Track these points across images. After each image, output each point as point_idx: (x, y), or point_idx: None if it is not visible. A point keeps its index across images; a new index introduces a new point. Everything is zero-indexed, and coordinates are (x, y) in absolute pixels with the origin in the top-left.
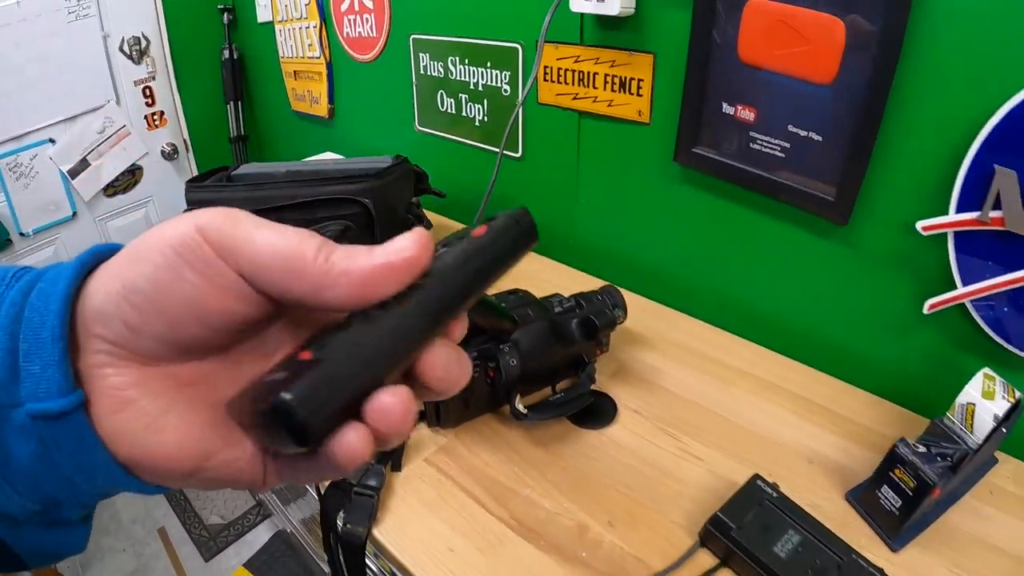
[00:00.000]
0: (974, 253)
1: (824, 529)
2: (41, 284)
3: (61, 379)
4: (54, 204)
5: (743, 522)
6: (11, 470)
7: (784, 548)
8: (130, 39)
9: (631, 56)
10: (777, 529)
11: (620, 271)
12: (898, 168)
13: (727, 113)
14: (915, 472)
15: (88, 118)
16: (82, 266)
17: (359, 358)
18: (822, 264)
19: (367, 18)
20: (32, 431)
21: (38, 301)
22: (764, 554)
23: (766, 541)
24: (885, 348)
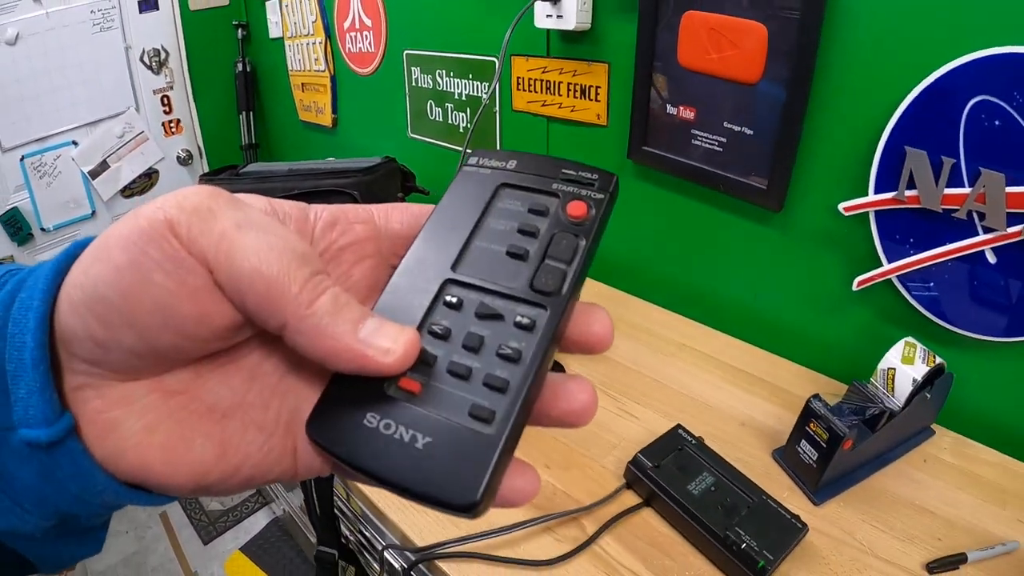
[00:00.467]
0: (895, 231)
1: (738, 474)
2: (22, 294)
3: (45, 407)
4: (74, 202)
5: (661, 463)
6: (18, 491)
7: (698, 487)
8: (150, 51)
9: (589, 66)
10: (693, 471)
11: None
12: (823, 155)
13: (671, 113)
14: (827, 425)
15: (109, 123)
16: (58, 273)
17: (520, 422)
18: (761, 248)
19: (366, 35)
20: (31, 455)
21: (19, 314)
22: (678, 491)
23: (682, 480)
24: (821, 324)
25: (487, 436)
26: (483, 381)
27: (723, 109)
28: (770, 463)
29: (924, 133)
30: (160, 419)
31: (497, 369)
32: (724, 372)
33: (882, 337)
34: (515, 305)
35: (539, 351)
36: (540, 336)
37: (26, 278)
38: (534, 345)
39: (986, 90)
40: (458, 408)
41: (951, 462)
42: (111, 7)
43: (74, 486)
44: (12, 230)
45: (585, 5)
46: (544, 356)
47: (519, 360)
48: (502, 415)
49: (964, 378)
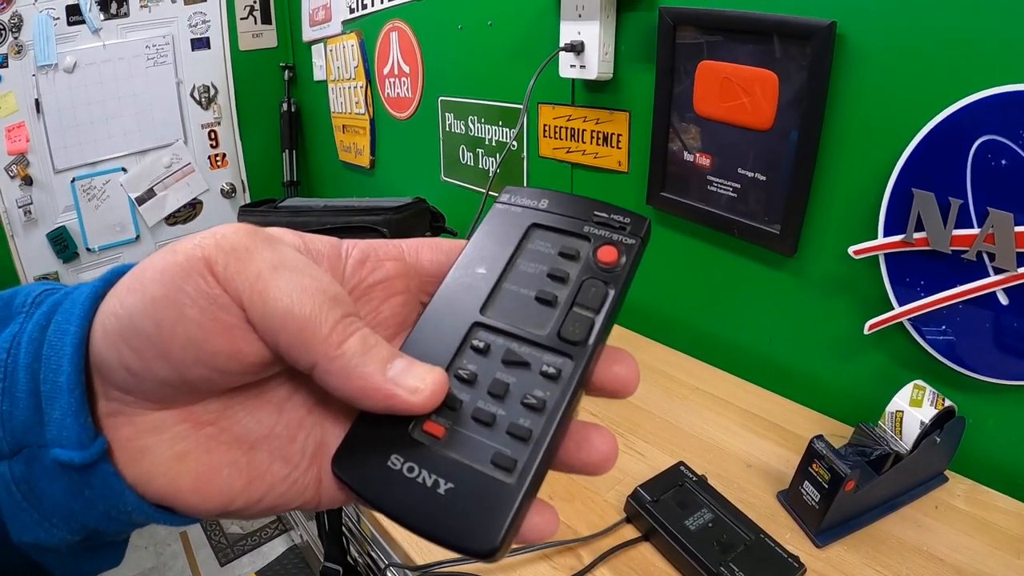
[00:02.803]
0: (905, 274)
1: (737, 512)
2: (58, 317)
3: (80, 430)
4: (120, 226)
5: (660, 497)
6: (46, 506)
7: (696, 523)
8: (200, 87)
9: (611, 114)
10: (692, 507)
11: None
12: (835, 200)
13: (688, 160)
14: (829, 465)
15: (158, 153)
16: (95, 299)
17: (541, 472)
18: (775, 292)
19: (404, 81)
20: (62, 473)
21: (55, 338)
22: (675, 525)
23: (679, 515)
24: (833, 369)
25: (508, 486)
26: (507, 429)
27: (738, 156)
28: (774, 505)
29: (931, 174)
30: (190, 448)
31: (521, 418)
32: (735, 415)
33: (895, 381)
34: (542, 353)
35: (562, 402)
36: (564, 386)
37: (62, 300)
38: (558, 395)
39: (992, 129)
40: (481, 455)
41: (964, 509)
42: (165, 44)
43: (103, 504)
44: (59, 247)
45: (607, 56)
46: (567, 406)
47: (543, 410)
48: (523, 465)
49: (979, 423)
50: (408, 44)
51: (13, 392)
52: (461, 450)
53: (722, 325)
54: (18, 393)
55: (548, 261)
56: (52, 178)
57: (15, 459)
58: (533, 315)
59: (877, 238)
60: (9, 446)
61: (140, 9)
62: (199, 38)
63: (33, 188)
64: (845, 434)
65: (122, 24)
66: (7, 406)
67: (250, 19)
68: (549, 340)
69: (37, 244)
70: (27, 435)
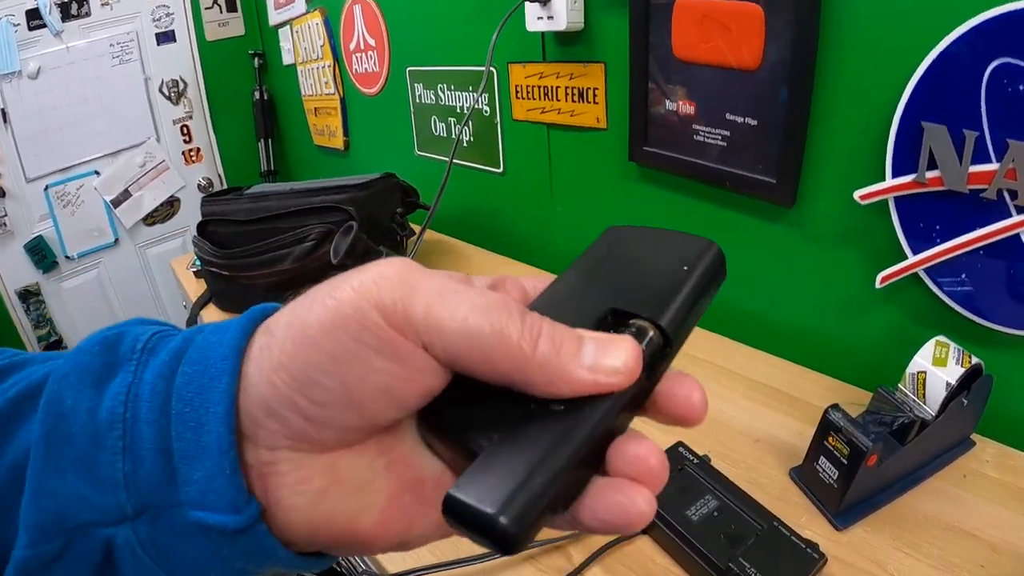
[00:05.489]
0: (919, 219)
1: (746, 496)
2: (186, 368)
3: (234, 493)
4: (98, 230)
5: None
6: (174, 566)
7: (699, 512)
8: (169, 82)
9: (585, 67)
10: (694, 494)
11: None
12: (835, 141)
13: (670, 109)
14: (848, 438)
15: (130, 153)
16: (242, 352)
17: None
18: (774, 248)
19: (371, 55)
20: (198, 533)
21: (188, 392)
22: (676, 517)
23: (680, 504)
24: (843, 328)
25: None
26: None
27: (724, 101)
28: (787, 484)
29: (941, 105)
30: (367, 484)
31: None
32: (738, 384)
33: (912, 339)
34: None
35: (602, 414)
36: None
37: (185, 348)
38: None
39: (1007, 51)
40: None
41: (995, 477)
42: (130, 40)
43: (244, 562)
44: (37, 257)
45: (576, 3)
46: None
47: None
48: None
49: (1005, 380)
50: (372, 16)
51: (136, 451)
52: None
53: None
54: (143, 451)
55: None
56: (24, 188)
57: (139, 520)
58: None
59: (885, 180)
60: (134, 508)
61: (101, 7)
62: (164, 32)
63: (6, 200)
64: (861, 400)
65: (84, 24)
66: (129, 466)
67: (215, 8)
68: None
69: (14, 256)
70: (155, 495)
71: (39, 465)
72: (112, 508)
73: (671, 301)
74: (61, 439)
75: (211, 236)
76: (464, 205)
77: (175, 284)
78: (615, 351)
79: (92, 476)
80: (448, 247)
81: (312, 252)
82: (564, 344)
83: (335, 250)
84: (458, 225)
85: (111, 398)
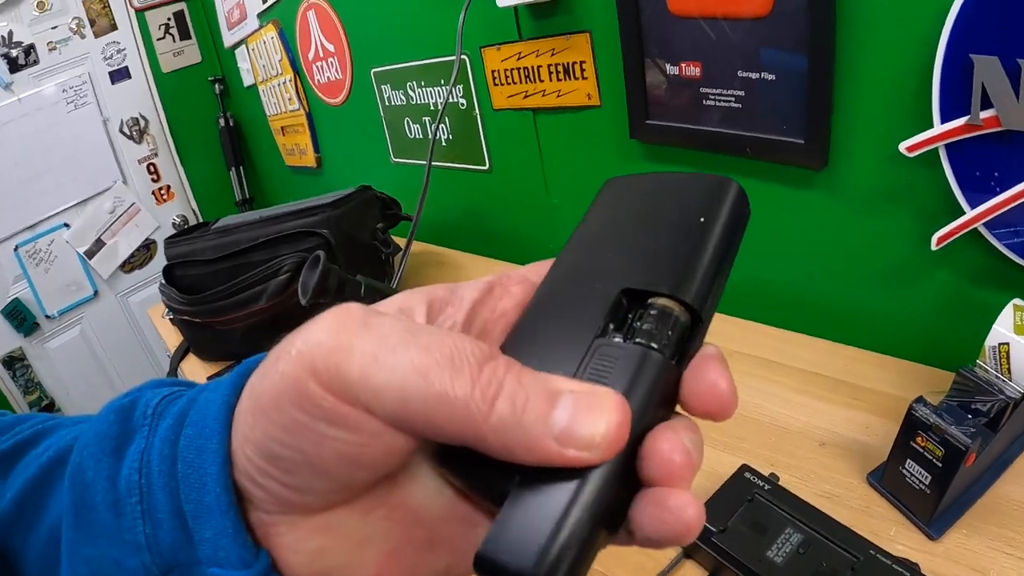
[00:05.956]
0: (974, 167)
1: (833, 523)
2: (188, 430)
3: (241, 550)
4: (75, 285)
5: (728, 524)
6: None
7: (781, 551)
8: (129, 120)
9: (568, 40)
10: (772, 529)
11: None
12: (867, 89)
13: (672, 74)
14: (941, 437)
15: (98, 200)
16: (230, 409)
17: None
18: (807, 217)
19: (331, 62)
20: None
21: (190, 454)
22: (755, 561)
23: (758, 545)
24: (896, 300)
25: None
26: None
27: (734, 56)
28: (867, 492)
29: (991, 33)
30: (367, 538)
31: None
32: (787, 377)
33: (976, 303)
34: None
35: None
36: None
37: (187, 409)
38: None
39: None
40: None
41: None
42: (83, 83)
43: None
44: (16, 322)
45: None
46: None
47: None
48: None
49: None
50: (328, 20)
51: (154, 514)
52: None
53: (749, 268)
54: (159, 515)
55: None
56: None
57: None
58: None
59: (933, 127)
60: (160, 569)
61: (50, 53)
62: (117, 69)
63: None
64: (926, 378)
65: (33, 73)
66: (150, 528)
67: (167, 38)
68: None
69: None
70: (177, 555)
71: (71, 534)
72: (141, 570)
73: (693, 268)
74: (88, 508)
75: (179, 280)
76: (451, 210)
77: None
78: (593, 417)
79: (119, 541)
80: (439, 258)
81: (288, 286)
82: (530, 405)
83: (303, 289)
84: (448, 233)
85: (128, 465)
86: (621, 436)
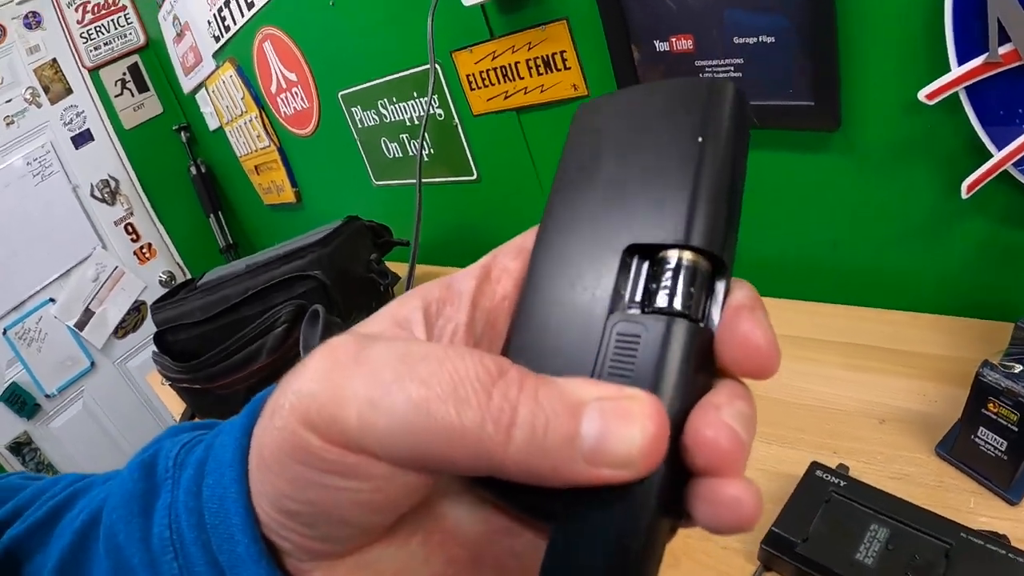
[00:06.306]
0: (998, 106)
1: (916, 510)
2: (208, 479)
3: None
4: (71, 359)
5: (808, 531)
6: None
7: (870, 551)
8: (99, 184)
9: (544, 30)
10: (856, 528)
11: None
12: (875, 39)
13: (663, 51)
14: (1015, 400)
15: (80, 269)
16: (243, 455)
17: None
18: (825, 181)
19: (296, 91)
20: None
21: (213, 504)
22: (846, 566)
23: (845, 548)
24: (931, 256)
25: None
26: None
27: (728, 22)
28: (938, 465)
29: None
30: (406, 566)
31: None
32: (831, 353)
33: (1013, 247)
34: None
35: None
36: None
37: (206, 458)
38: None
39: None
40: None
41: None
42: (46, 153)
43: None
44: (17, 406)
45: None
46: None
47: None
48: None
49: None
50: (285, 49)
51: (191, 567)
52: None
53: (769, 242)
54: (197, 568)
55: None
56: None
57: None
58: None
59: (950, 70)
60: None
61: (8, 128)
62: (79, 133)
63: None
64: (978, 332)
65: None
66: None
67: (125, 94)
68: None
69: None
70: None
71: None
72: None
73: (702, 205)
74: (126, 571)
75: (172, 346)
76: (444, 226)
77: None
78: (625, 428)
79: None
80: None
81: (287, 337)
82: (551, 427)
83: (305, 345)
84: (443, 251)
85: (158, 523)
86: (659, 447)
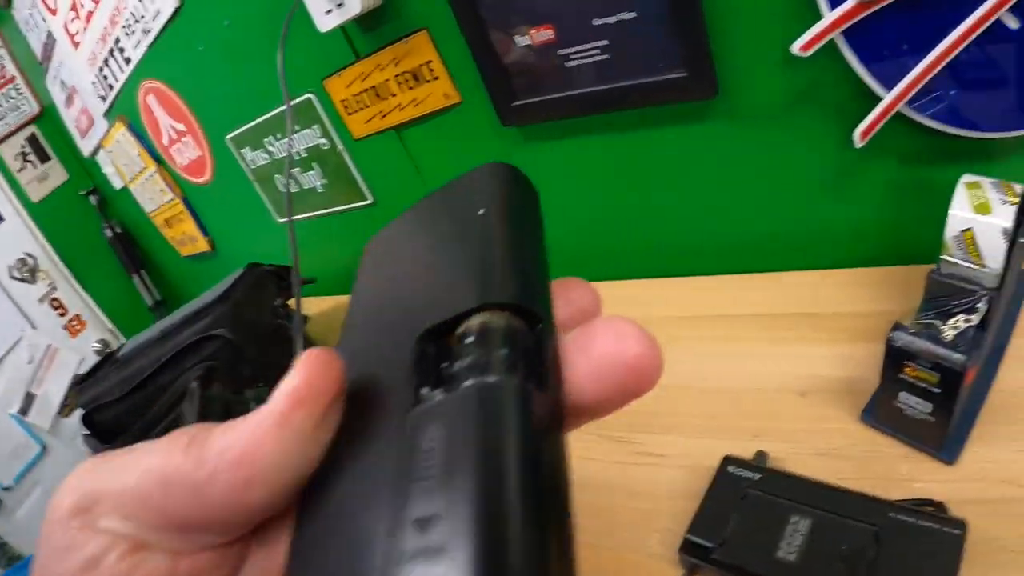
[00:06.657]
0: (880, 46)
1: (839, 494)
2: None
3: None
4: (20, 447)
5: (725, 534)
6: None
7: (792, 545)
8: (15, 264)
9: (407, 43)
10: (775, 523)
11: None
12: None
13: (524, 46)
14: (932, 363)
15: (13, 355)
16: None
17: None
18: (713, 151)
19: (186, 140)
20: None
21: None
22: (768, 566)
23: (765, 546)
24: (836, 209)
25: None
26: None
27: (584, 5)
28: (865, 433)
29: None
30: None
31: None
32: (743, 327)
33: (922, 186)
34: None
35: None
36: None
37: None
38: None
39: None
40: None
41: None
42: None
43: None
44: None
45: None
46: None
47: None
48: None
49: None
50: (168, 100)
51: None
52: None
53: (662, 222)
54: None
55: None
56: None
57: None
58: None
59: (823, 16)
60: None
61: None
62: None
63: None
64: (897, 280)
65: None
66: None
67: (27, 167)
68: None
69: None
70: None
71: None
72: None
73: (493, 262)
74: None
75: (99, 426)
76: (350, 255)
77: None
78: (288, 377)
79: None
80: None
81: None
82: (240, 420)
83: (184, 423)
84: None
85: None
86: (323, 375)
